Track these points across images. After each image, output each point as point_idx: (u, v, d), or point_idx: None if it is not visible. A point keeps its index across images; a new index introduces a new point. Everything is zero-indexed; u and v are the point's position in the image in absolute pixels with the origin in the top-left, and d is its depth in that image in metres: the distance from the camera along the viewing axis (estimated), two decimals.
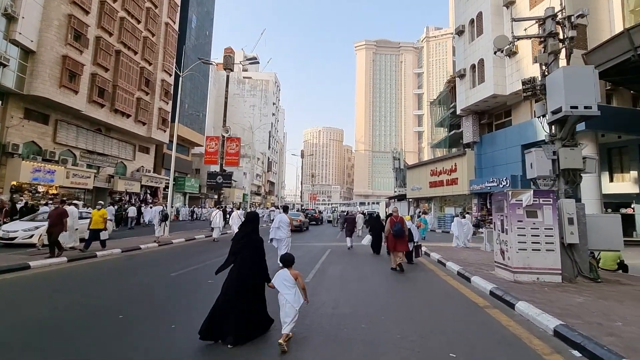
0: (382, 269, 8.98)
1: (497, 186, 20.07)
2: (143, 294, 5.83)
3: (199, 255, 10.57)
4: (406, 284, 7.22)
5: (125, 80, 27.21)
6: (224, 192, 46.38)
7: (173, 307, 5.10)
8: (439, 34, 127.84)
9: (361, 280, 7.44)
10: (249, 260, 3.86)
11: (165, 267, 8.40)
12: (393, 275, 8.16)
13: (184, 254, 10.98)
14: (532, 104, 19.25)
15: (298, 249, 12.23)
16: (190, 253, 11.17)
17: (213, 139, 20.02)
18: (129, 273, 7.72)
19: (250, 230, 4.05)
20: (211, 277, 7.22)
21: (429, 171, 27.22)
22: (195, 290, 6.20)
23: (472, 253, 11.54)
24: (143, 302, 5.33)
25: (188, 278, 7.24)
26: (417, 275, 8.19)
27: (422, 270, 8.92)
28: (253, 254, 3.89)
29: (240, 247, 3.91)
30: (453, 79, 31.05)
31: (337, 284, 6.99)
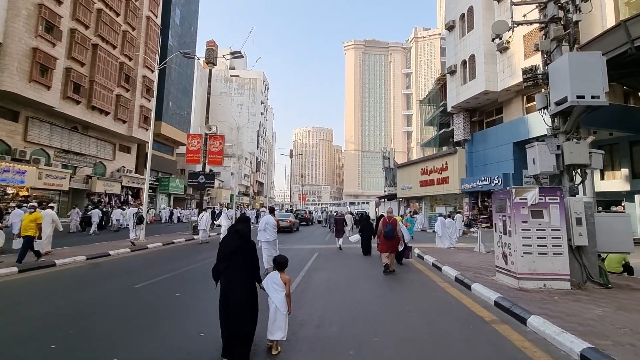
0: (373, 273, 8.21)
1: (488, 185, 19.61)
2: (89, 315, 4.89)
3: (173, 262, 9.62)
4: (400, 293, 6.45)
5: (104, 75, 25.85)
6: (210, 193, 45.13)
7: (121, 333, 4.19)
8: (427, 35, 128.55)
9: (350, 289, 6.64)
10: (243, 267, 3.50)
11: (132, 276, 7.44)
12: (385, 281, 7.40)
13: (157, 260, 10.00)
14: (523, 101, 18.85)
15: (284, 253, 11.36)
16: (164, 259, 10.20)
17: (195, 137, 18.96)
18: (85, 286, 6.74)
19: (240, 234, 3.63)
20: (180, 289, 6.34)
21: (420, 170, 26.68)
22: (156, 308, 5.29)
23: (467, 255, 10.89)
24: (85, 326, 4.39)
25: (153, 291, 6.31)
26: (411, 282, 7.44)
27: (417, 275, 8.19)
28: (245, 259, 3.52)
29: (230, 252, 3.50)
30: (443, 77, 30.63)
31: (323, 295, 6.18)
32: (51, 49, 21.36)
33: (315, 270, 8.54)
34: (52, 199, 22.67)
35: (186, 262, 9.57)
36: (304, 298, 5.87)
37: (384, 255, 8.21)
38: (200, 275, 7.73)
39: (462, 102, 21.18)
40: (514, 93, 19.33)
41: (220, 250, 3.58)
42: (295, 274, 7.90)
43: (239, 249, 3.50)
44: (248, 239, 3.61)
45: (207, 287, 6.56)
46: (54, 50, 21.57)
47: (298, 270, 8.38)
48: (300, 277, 7.72)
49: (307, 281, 7.30)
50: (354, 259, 10.85)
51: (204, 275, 7.73)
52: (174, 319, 4.73)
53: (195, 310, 5.19)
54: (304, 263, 9.61)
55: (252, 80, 60.39)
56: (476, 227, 20.69)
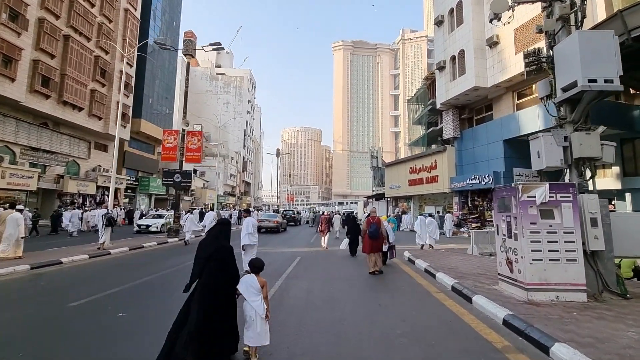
0: (359, 282, 7.19)
1: (479, 183, 18.90)
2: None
3: (134, 271, 8.38)
4: (391, 309, 5.41)
5: (76, 69, 24.14)
6: (194, 193, 43.47)
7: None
8: (414, 37, 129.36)
9: (332, 304, 5.58)
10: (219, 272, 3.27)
11: (74, 291, 6.20)
12: (372, 293, 6.38)
13: (116, 269, 8.73)
14: (514, 97, 18.19)
15: (264, 257, 10.23)
16: (124, 267, 8.93)
17: (172, 133, 17.60)
18: (9, 304, 5.48)
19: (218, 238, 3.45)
20: (127, 307, 5.16)
21: (408, 169, 25.88)
22: (83, 335, 4.11)
23: (461, 259, 9.99)
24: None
25: (92, 310, 5.11)
26: (403, 293, 6.43)
27: (408, 284, 7.20)
28: (222, 264, 3.30)
29: (206, 257, 3.27)
30: (431, 75, 29.98)
31: (298, 314, 5.10)
32: (16, 39, 19.67)
33: (294, 279, 7.46)
34: (16, 200, 20.90)
35: (149, 270, 8.34)
36: (274, 318, 4.77)
37: (370, 258, 8.01)
38: (158, 288, 6.56)
39: (452, 99, 20.44)
40: (504, 89, 18.68)
41: (197, 255, 3.35)
42: (271, 283, 6.81)
43: (215, 253, 3.27)
44: (226, 243, 3.43)
45: (162, 304, 5.42)
46: (19, 40, 19.88)
47: (275, 278, 7.29)
48: (276, 287, 6.62)
49: (282, 294, 6.21)
50: (339, 263, 9.82)
51: (163, 288, 6.56)
52: (103, 352, 3.58)
53: (136, 337, 4.04)
54: (283, 269, 8.51)
55: (239, 79, 58.79)
56: (466, 227, 19.97)
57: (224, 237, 3.46)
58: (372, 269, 7.90)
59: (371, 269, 7.91)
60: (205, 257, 3.24)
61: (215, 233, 3.47)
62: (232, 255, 3.38)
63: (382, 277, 7.75)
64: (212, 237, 3.44)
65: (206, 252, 3.29)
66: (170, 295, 5.99)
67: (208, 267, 3.21)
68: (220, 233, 3.47)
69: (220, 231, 3.49)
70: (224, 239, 3.45)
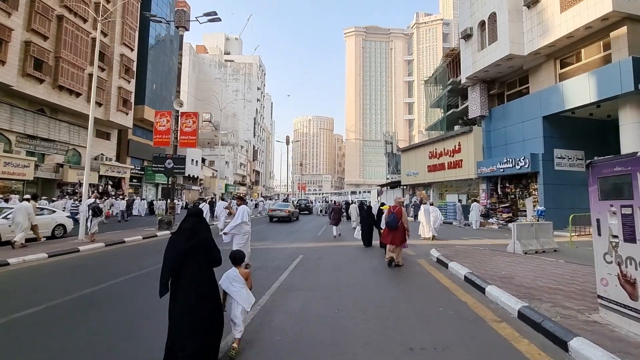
0: (375, 296, 5.01)
1: (512, 168, 16.25)
2: None
3: (88, 276, 6.46)
4: (429, 356, 3.22)
5: (72, 52, 22.46)
6: (203, 183, 42.06)
7: None
8: (429, 20, 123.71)
9: (334, 340, 3.43)
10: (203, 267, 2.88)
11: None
12: (396, 319, 4.18)
13: (67, 273, 6.85)
14: (556, 65, 15.30)
15: (259, 257, 8.26)
16: (79, 271, 7.03)
17: (164, 115, 15.62)
18: None
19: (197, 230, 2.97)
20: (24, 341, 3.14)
21: (427, 153, 23.27)
22: None
23: (509, 262, 7.63)
24: None
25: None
26: (443, 322, 4.19)
27: (447, 303, 4.95)
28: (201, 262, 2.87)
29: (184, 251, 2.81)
30: (452, 51, 26.93)
31: (286, 353, 2.99)
32: (6, 19, 18.10)
33: (287, 292, 5.34)
34: (13, 190, 19.64)
35: (110, 274, 6.42)
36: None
37: (388, 248, 7.36)
38: (103, 303, 4.56)
39: (480, 71, 17.62)
40: (543, 57, 15.76)
41: (168, 253, 2.86)
42: (259, 294, 4.79)
43: (192, 249, 2.84)
44: (203, 236, 2.97)
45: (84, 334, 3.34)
46: (9, 20, 18.30)
47: (260, 292, 5.21)
48: (260, 306, 4.54)
49: (262, 320, 4.09)
50: (348, 264, 7.66)
51: (109, 303, 4.56)
52: None
53: None
54: (275, 276, 6.41)
55: (248, 65, 56.46)
56: (496, 218, 17.43)
57: (204, 229, 3.04)
58: (388, 258, 7.32)
59: (388, 258, 7.34)
60: (184, 252, 2.82)
61: (191, 225, 3.00)
62: (216, 247, 3.02)
63: (409, 292, 5.54)
64: (188, 230, 2.97)
65: (184, 246, 2.85)
66: (108, 314, 4.00)
67: (190, 264, 2.81)
68: (195, 224, 3.02)
69: (195, 222, 3.03)
70: (204, 231, 3.03)
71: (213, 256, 2.97)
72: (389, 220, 7.30)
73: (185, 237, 2.91)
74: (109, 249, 9.78)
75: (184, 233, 2.95)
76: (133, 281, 6.05)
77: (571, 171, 15.78)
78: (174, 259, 2.81)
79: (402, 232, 7.29)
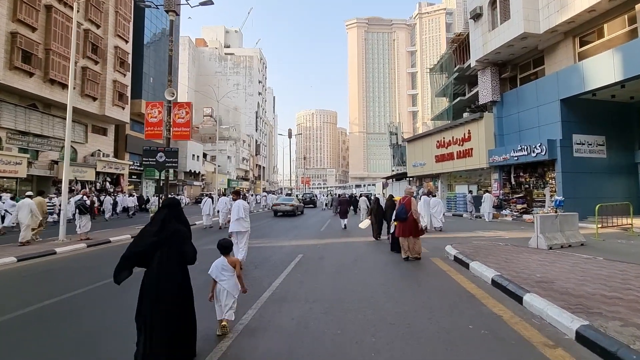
0: (391, 310, 4.02)
1: (527, 155, 15.09)
2: None
3: (54, 284, 5.56)
4: None
5: (63, 44, 21.49)
6: (205, 178, 41.24)
7: None
8: (431, 10, 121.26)
9: None
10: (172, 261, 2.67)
11: None
12: (415, 345, 3.19)
13: (30, 282, 5.95)
14: (575, 44, 14.04)
15: (254, 256, 7.35)
16: (46, 277, 6.14)
17: (155, 106, 14.63)
18: None
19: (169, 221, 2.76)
20: None
21: (435, 143, 22.09)
22: None
23: (538, 260, 6.58)
24: None
25: None
26: (479, 347, 3.19)
27: (473, 312, 3.94)
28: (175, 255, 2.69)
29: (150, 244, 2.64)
30: (458, 37, 25.57)
31: None
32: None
33: (280, 304, 4.36)
34: (6, 189, 18.88)
35: (85, 280, 5.51)
36: None
37: (402, 242, 7.09)
38: (63, 315, 3.62)
39: (491, 53, 16.36)
40: (561, 35, 14.47)
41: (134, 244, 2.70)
42: (242, 310, 3.83)
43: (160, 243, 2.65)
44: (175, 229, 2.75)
45: None
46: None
47: (252, 299, 4.29)
48: (243, 325, 3.57)
49: (248, 341, 3.12)
50: (354, 265, 6.68)
51: (63, 317, 3.60)
52: None
53: None
54: (268, 281, 5.45)
55: (248, 58, 55.15)
56: (509, 210, 16.33)
57: (177, 220, 2.80)
58: (405, 254, 7.04)
59: (404, 254, 7.06)
60: (150, 245, 2.64)
61: (163, 217, 2.76)
62: (190, 242, 2.80)
63: (428, 303, 4.54)
64: (159, 221, 2.74)
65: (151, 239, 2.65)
66: (68, 329, 3.06)
67: (159, 258, 2.62)
68: (168, 216, 2.76)
69: (168, 214, 2.78)
70: (178, 223, 2.79)
71: (184, 251, 2.73)
72: (398, 211, 7.09)
73: (155, 229, 2.71)
74: (91, 250, 8.89)
75: (154, 225, 2.75)
76: (105, 289, 5.13)
77: (591, 158, 14.60)
78: (136, 250, 2.63)
79: (413, 223, 6.98)
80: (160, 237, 2.66)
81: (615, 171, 14.79)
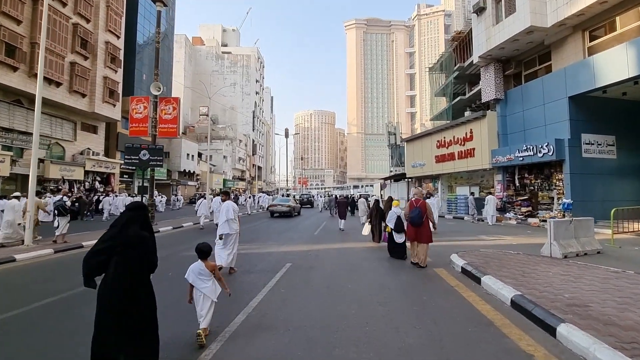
0: (383, 334, 3.14)
1: (533, 156, 14.26)
2: None
3: (9, 295, 4.66)
4: None
5: (50, 37, 20.49)
6: (200, 178, 40.26)
7: None
8: (430, 12, 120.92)
9: None
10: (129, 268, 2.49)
11: None
12: None
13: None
14: (585, 38, 13.24)
15: (238, 264, 6.40)
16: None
17: (141, 101, 13.78)
18: None
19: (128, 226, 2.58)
20: None
21: (435, 143, 21.25)
22: None
23: (560, 273, 5.74)
24: None
25: None
26: None
27: (496, 348, 3.07)
28: (134, 261, 2.51)
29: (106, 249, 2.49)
30: (459, 35, 24.80)
31: None
32: None
33: (254, 332, 3.47)
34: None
35: (37, 293, 4.61)
36: None
37: (413, 247, 6.75)
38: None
39: (495, 49, 15.53)
40: (570, 29, 13.67)
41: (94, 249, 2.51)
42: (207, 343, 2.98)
43: (118, 247, 2.48)
44: (134, 234, 2.55)
45: None
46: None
47: (222, 326, 3.42)
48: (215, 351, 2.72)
49: None
50: (348, 275, 5.80)
51: None
52: None
53: None
54: (248, 296, 4.56)
55: (246, 57, 54.20)
56: (513, 213, 15.50)
57: (140, 225, 2.62)
58: (415, 259, 6.67)
59: (414, 259, 6.72)
60: (107, 249, 2.48)
61: (124, 221, 2.59)
62: (151, 248, 2.62)
63: (438, 334, 3.67)
64: (119, 225, 2.56)
65: (109, 243, 2.50)
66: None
67: (116, 264, 2.45)
68: (131, 220, 2.59)
69: (131, 217, 2.60)
70: (138, 228, 2.59)
71: (146, 257, 2.59)
72: (413, 215, 6.50)
73: (114, 233, 2.55)
74: (58, 257, 7.97)
75: (114, 229, 2.60)
76: (59, 305, 4.24)
77: (601, 158, 13.79)
78: (95, 256, 2.47)
79: (428, 228, 6.60)
80: (115, 241, 2.48)
81: (626, 172, 13.99)
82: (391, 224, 7.29)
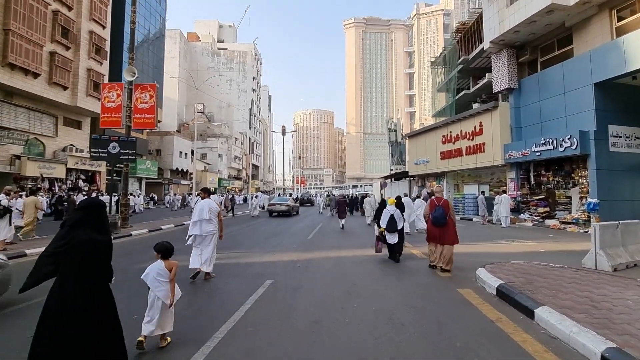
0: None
1: (553, 150, 12.66)
2: None
3: None
4: None
5: (26, 24, 18.84)
6: (194, 177, 38.55)
7: None
8: (429, 11, 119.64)
9: None
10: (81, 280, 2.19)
11: None
12: None
13: None
14: (612, 17, 11.65)
15: (201, 283, 4.78)
16: None
17: (114, 88, 12.10)
18: None
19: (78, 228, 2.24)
20: None
21: (440, 138, 19.64)
22: None
23: (635, 297, 4.14)
24: None
25: None
26: None
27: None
28: (85, 267, 2.19)
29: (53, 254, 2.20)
30: (463, 26, 23.21)
31: None
32: None
33: None
34: None
35: None
36: None
37: (432, 247, 6.12)
38: None
39: (508, 32, 13.92)
40: (595, 8, 12.07)
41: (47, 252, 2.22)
42: None
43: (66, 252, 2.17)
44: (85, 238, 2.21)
45: None
46: None
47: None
48: None
49: None
50: (344, 301, 4.19)
51: None
52: None
53: None
54: (191, 350, 2.95)
55: (242, 54, 52.51)
56: (529, 214, 13.91)
57: (91, 228, 2.24)
58: (436, 262, 5.97)
59: (433, 261, 6.08)
60: (53, 254, 2.18)
61: (73, 222, 2.24)
62: (105, 253, 2.28)
63: None
64: (69, 227, 2.24)
65: (54, 247, 2.19)
66: None
67: (64, 270, 2.16)
68: (82, 222, 2.23)
69: (82, 219, 2.23)
70: (93, 230, 2.23)
71: (97, 265, 2.23)
72: (436, 214, 5.99)
73: (62, 235, 2.22)
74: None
75: (63, 231, 2.27)
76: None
77: (630, 153, 12.22)
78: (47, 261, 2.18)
79: (453, 229, 6.02)
80: (58, 245, 2.17)
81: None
82: (384, 223, 6.81)
